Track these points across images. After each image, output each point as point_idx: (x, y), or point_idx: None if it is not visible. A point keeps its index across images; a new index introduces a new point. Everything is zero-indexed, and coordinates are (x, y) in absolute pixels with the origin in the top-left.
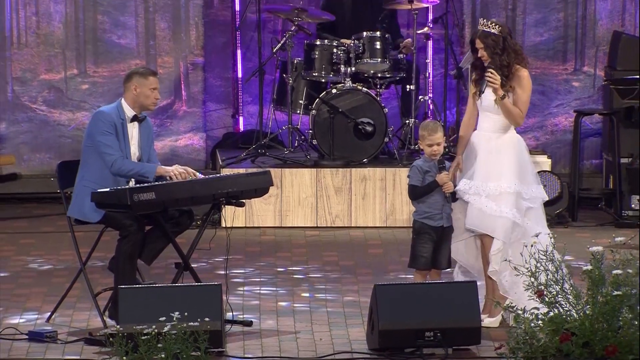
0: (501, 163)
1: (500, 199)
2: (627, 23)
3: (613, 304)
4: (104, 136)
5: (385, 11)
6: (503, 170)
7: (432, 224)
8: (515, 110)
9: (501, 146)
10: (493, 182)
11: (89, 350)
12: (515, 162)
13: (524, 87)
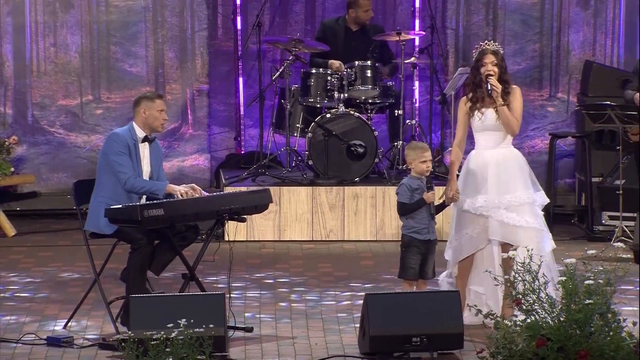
0: (513, 175)
1: (521, 210)
2: (597, 53)
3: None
4: (118, 156)
5: (375, 42)
6: (516, 182)
7: (420, 237)
8: (512, 119)
9: (508, 160)
10: (509, 194)
11: (103, 355)
12: (522, 172)
13: (519, 100)
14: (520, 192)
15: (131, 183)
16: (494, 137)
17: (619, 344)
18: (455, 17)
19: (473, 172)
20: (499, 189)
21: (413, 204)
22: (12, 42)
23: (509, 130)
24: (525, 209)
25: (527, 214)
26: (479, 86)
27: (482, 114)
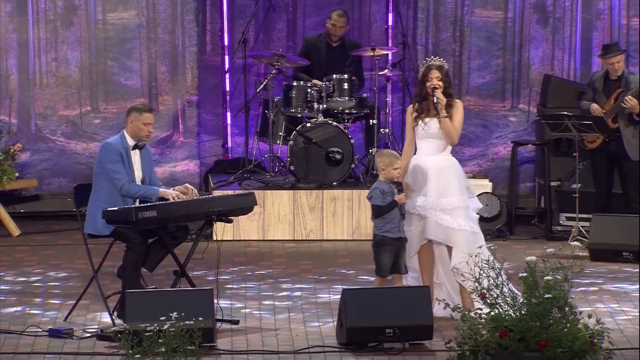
0: (450, 181)
1: (454, 213)
2: (555, 68)
3: (544, 305)
4: (113, 164)
5: (352, 57)
6: (453, 187)
7: (392, 235)
8: (452, 129)
9: (446, 166)
10: (446, 198)
11: (101, 345)
12: (459, 179)
13: (460, 113)
14: (455, 197)
15: (126, 188)
16: (436, 144)
17: (576, 335)
18: (425, 34)
19: (415, 175)
20: (437, 192)
21: (387, 206)
22: (17, 57)
23: (449, 140)
24: (459, 213)
25: (460, 217)
26: (425, 99)
27: (425, 123)
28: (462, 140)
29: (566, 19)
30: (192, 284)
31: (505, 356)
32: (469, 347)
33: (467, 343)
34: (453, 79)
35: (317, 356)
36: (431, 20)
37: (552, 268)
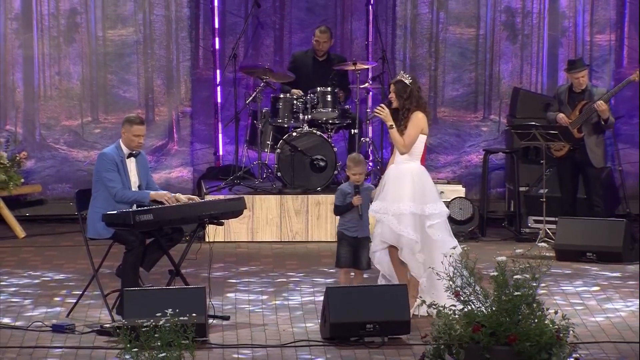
0: (401, 188)
1: (401, 219)
2: (524, 81)
3: (514, 302)
4: (108, 172)
5: (334, 71)
6: (402, 194)
7: (349, 234)
8: (400, 140)
9: (402, 174)
10: (396, 203)
11: (100, 340)
12: (411, 187)
13: (413, 125)
14: (404, 203)
15: (120, 195)
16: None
17: (543, 330)
18: (403, 50)
19: (383, 181)
20: (393, 198)
21: (343, 206)
22: (22, 71)
23: (397, 149)
24: (406, 219)
25: (406, 224)
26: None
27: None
28: (437, 148)
29: (534, 36)
30: (186, 283)
31: (478, 350)
32: (443, 342)
33: (442, 337)
34: (429, 91)
35: (303, 350)
36: (408, 36)
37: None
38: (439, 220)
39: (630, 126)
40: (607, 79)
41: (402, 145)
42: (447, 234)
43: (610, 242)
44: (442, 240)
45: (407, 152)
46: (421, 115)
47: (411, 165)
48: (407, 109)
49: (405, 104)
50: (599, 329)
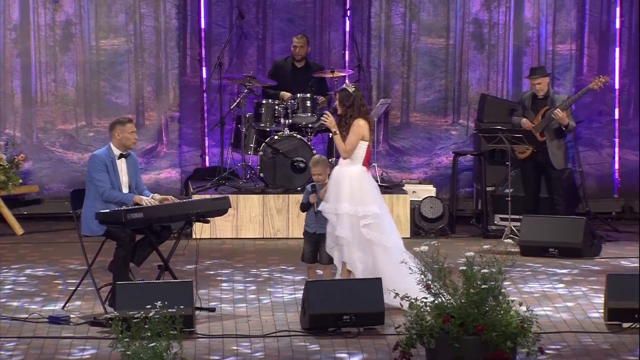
0: (340, 190)
1: (339, 219)
2: (490, 88)
3: (481, 294)
4: (97, 173)
5: (314, 78)
6: (341, 195)
7: (309, 230)
8: (342, 145)
9: (342, 177)
10: (335, 204)
11: (94, 330)
12: (349, 190)
13: (353, 132)
14: (342, 204)
15: (107, 194)
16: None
17: (508, 320)
18: (377, 58)
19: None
20: (335, 198)
21: (304, 204)
22: (20, 79)
23: (341, 155)
24: (343, 219)
25: (342, 224)
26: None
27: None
28: (410, 150)
29: (500, 45)
30: (174, 277)
31: (447, 339)
32: (415, 332)
33: (414, 327)
34: (402, 97)
35: (284, 340)
36: (383, 46)
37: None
38: (372, 221)
39: (589, 130)
40: (568, 86)
41: (344, 150)
42: (384, 233)
43: (571, 239)
44: (378, 239)
45: (348, 157)
46: (362, 122)
47: (352, 168)
48: (349, 116)
49: (347, 111)
50: (561, 319)
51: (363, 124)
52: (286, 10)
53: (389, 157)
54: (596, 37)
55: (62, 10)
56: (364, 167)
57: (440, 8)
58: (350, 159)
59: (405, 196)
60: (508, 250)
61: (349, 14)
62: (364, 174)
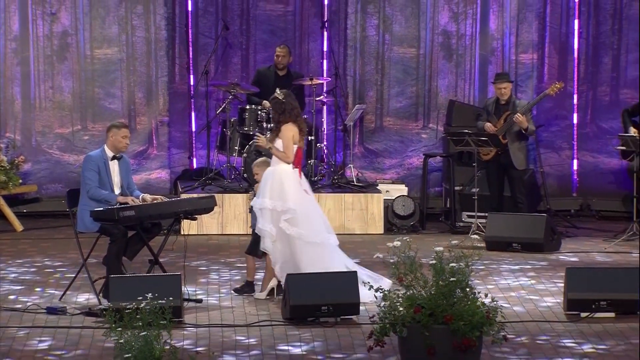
0: (266, 186)
1: (262, 213)
2: (458, 94)
3: (450, 287)
4: (88, 172)
5: (294, 85)
6: (263, 192)
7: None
8: (280, 154)
9: (270, 174)
10: (260, 199)
11: (89, 320)
12: (271, 186)
13: (284, 137)
14: (265, 200)
15: (92, 192)
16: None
17: (475, 311)
18: (353, 67)
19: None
20: (261, 194)
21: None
22: (20, 86)
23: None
24: (265, 214)
25: (262, 218)
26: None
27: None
28: (383, 152)
29: (467, 55)
30: (164, 270)
31: (418, 328)
32: (388, 321)
33: (387, 317)
34: (376, 103)
35: (266, 329)
36: (358, 56)
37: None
38: (290, 216)
39: (550, 133)
40: (530, 92)
41: (285, 157)
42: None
43: (533, 234)
44: (298, 234)
45: (291, 161)
46: (290, 126)
47: (279, 167)
48: (283, 122)
49: (280, 117)
50: (523, 310)
51: (291, 127)
52: (268, 22)
53: (364, 159)
54: (556, 47)
55: (59, 22)
56: (296, 169)
57: (411, 20)
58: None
59: (379, 195)
60: (475, 246)
61: (326, 26)
62: (290, 172)
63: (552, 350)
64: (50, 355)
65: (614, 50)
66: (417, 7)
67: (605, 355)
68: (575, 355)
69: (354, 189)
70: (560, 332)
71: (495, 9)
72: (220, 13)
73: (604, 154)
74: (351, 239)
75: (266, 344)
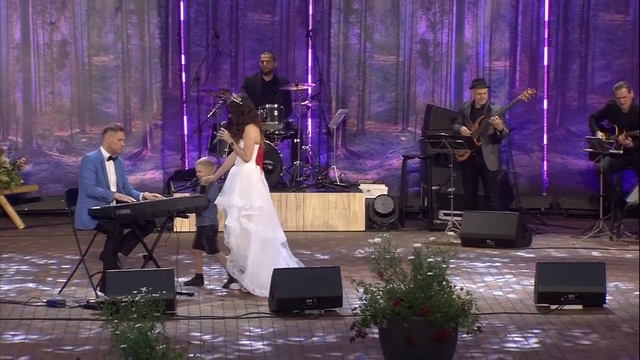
0: (234, 184)
1: (230, 210)
2: (435, 99)
3: (427, 280)
4: (85, 172)
5: (280, 91)
6: (233, 189)
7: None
8: (241, 152)
9: (234, 174)
10: (227, 197)
11: (87, 312)
12: (238, 185)
13: (247, 137)
14: (232, 197)
15: (90, 190)
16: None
17: (451, 303)
18: (336, 74)
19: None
20: (227, 192)
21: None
22: (22, 91)
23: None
24: (232, 210)
25: (231, 215)
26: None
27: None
28: (365, 154)
29: (443, 62)
30: (157, 265)
31: (398, 320)
32: (370, 313)
33: (368, 309)
34: (358, 107)
35: (254, 320)
36: (341, 63)
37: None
38: (252, 212)
39: (521, 136)
40: (503, 98)
41: (244, 156)
42: (265, 225)
43: (505, 231)
44: (255, 229)
45: (249, 160)
46: (253, 128)
47: (245, 166)
48: (242, 123)
49: (239, 119)
50: (496, 302)
51: (253, 129)
52: (256, 31)
53: (347, 160)
54: (527, 55)
55: (58, 31)
56: (258, 167)
57: (391, 29)
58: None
59: (360, 194)
60: (451, 242)
61: (311, 35)
62: (255, 171)
63: (523, 339)
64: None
65: (582, 58)
66: (397, 17)
67: (573, 345)
68: (544, 344)
69: (337, 188)
70: (531, 323)
71: (470, 19)
72: (211, 22)
73: (572, 155)
74: (334, 235)
75: (254, 334)
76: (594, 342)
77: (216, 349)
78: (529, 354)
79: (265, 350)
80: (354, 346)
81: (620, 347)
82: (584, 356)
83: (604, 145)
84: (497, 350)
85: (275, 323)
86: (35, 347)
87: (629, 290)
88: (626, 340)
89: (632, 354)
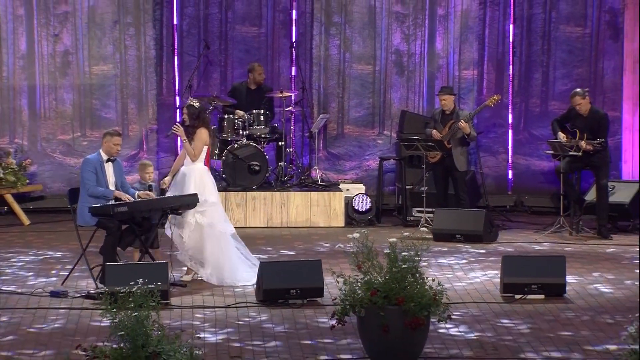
0: (188, 183)
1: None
2: (409, 105)
3: (402, 273)
4: (86, 173)
5: (266, 97)
6: (186, 188)
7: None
8: (191, 152)
9: (189, 173)
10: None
11: (88, 302)
12: (194, 183)
13: (198, 139)
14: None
15: (91, 190)
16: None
17: (424, 294)
18: (318, 82)
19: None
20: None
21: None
22: (27, 98)
23: (190, 158)
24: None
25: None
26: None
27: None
28: (344, 156)
29: (417, 71)
30: (153, 259)
31: (375, 309)
32: (348, 303)
33: (347, 300)
34: (338, 113)
35: (242, 309)
36: (322, 72)
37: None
38: (206, 208)
39: (488, 139)
40: (471, 104)
41: (193, 155)
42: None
43: (474, 227)
44: (209, 224)
45: (196, 160)
46: (204, 132)
47: (196, 166)
48: (195, 126)
49: (194, 122)
50: (465, 292)
51: (205, 132)
52: (244, 42)
53: (327, 162)
54: (494, 64)
55: (61, 42)
56: (206, 167)
57: (368, 41)
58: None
59: (340, 193)
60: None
61: (294, 46)
62: (205, 171)
63: (490, 327)
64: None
65: (544, 68)
66: (374, 30)
67: (536, 331)
68: (509, 331)
69: (319, 187)
70: (497, 311)
71: (441, 31)
72: (202, 34)
73: (535, 157)
74: (316, 231)
75: (242, 322)
76: (555, 329)
77: (207, 335)
78: (495, 340)
79: (252, 336)
80: (334, 333)
81: (579, 334)
82: (545, 342)
83: (564, 148)
84: (466, 337)
85: (262, 312)
86: (39, 335)
87: (588, 282)
88: (584, 328)
89: (589, 340)
